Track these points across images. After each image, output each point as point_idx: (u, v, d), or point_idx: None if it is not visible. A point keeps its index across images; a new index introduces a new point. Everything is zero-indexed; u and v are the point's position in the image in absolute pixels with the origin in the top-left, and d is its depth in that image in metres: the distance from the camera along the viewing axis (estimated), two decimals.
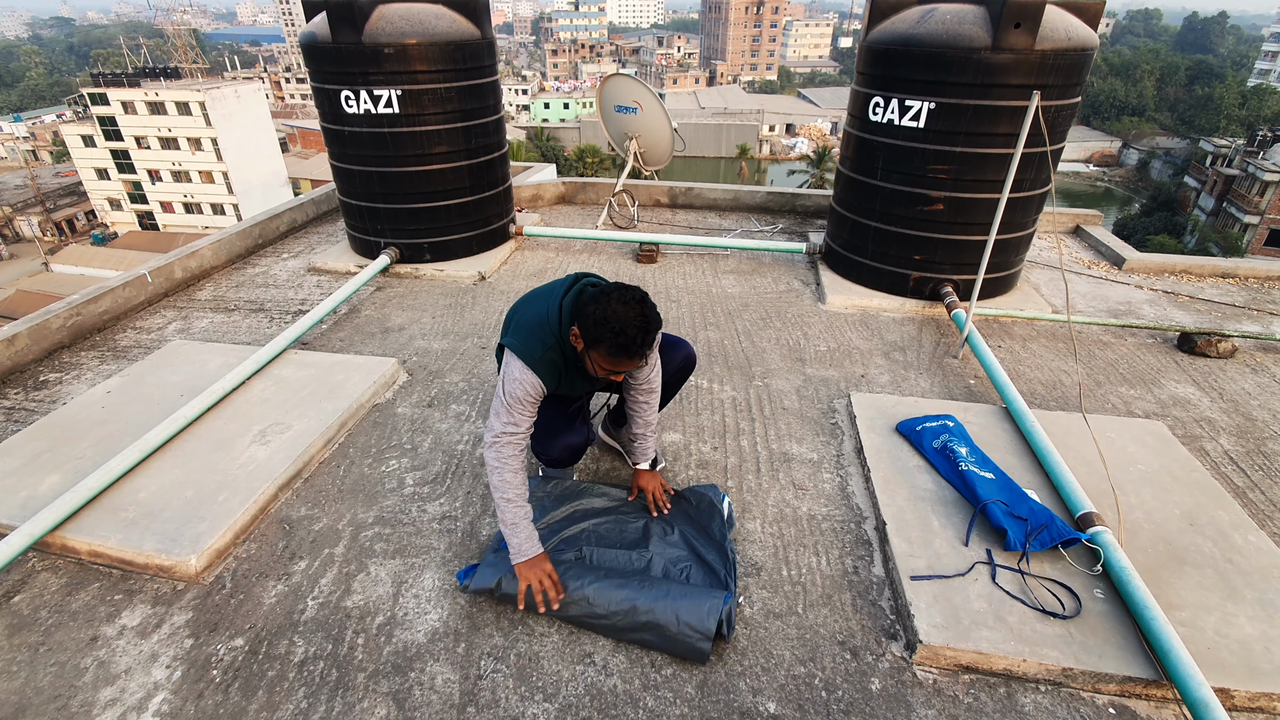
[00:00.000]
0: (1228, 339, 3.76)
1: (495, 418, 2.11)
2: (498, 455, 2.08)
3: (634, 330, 1.89)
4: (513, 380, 2.08)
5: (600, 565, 2.20)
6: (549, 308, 2.13)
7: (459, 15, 4.43)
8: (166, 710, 1.84)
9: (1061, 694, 1.88)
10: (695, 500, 2.49)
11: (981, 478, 2.48)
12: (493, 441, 2.09)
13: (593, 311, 1.92)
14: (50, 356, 3.77)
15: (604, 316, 1.90)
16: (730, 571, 2.20)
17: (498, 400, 2.12)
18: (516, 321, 2.19)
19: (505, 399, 2.09)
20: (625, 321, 1.89)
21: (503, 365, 2.17)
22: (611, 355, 1.94)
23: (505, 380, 2.11)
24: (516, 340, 2.12)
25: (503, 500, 2.07)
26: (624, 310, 1.90)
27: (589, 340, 1.96)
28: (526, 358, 2.08)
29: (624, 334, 1.89)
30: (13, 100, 64.44)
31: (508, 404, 2.09)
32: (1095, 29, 3.78)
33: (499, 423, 2.10)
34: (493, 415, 2.12)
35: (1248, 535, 2.33)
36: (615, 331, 1.89)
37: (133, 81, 34.66)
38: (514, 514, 2.07)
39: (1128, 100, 53.70)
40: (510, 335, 2.16)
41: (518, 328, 2.16)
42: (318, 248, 5.44)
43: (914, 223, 4.11)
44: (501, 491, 2.07)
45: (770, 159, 51.79)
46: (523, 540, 2.06)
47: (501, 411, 2.10)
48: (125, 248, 29.44)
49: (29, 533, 2.24)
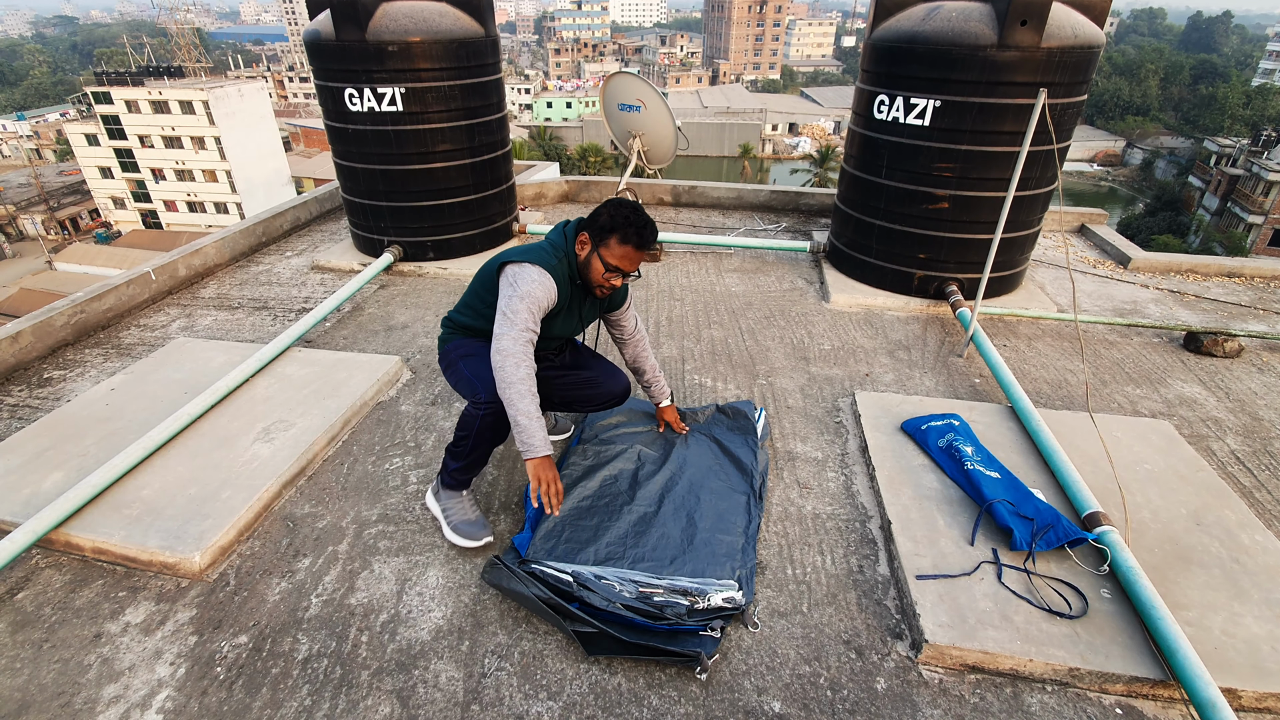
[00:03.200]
0: (1234, 338, 3.74)
1: (514, 315, 2.05)
2: (524, 349, 2.04)
3: (643, 219, 2.17)
4: (530, 280, 2.09)
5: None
6: (548, 239, 2.26)
7: (462, 13, 4.42)
8: (170, 707, 1.84)
9: (1068, 694, 1.88)
10: (732, 413, 2.98)
11: (987, 477, 2.47)
12: (516, 336, 2.04)
13: (602, 213, 2.18)
14: (54, 354, 3.78)
15: (616, 212, 2.16)
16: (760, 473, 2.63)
17: (511, 302, 2.07)
18: (515, 252, 2.22)
19: (522, 297, 2.07)
20: (636, 214, 2.17)
21: (508, 276, 2.14)
22: (624, 243, 2.14)
23: (519, 281, 2.09)
24: (527, 257, 2.16)
25: (526, 391, 2.02)
26: (630, 210, 2.18)
27: (602, 233, 2.16)
28: (543, 264, 2.14)
29: (634, 222, 2.15)
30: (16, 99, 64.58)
31: (526, 303, 2.07)
32: (1101, 26, 3.76)
33: (519, 318, 2.05)
34: (508, 313, 2.06)
35: (1254, 535, 2.32)
36: (627, 220, 2.14)
37: (136, 80, 34.70)
38: (532, 407, 2.04)
39: (1132, 100, 53.57)
40: (513, 258, 2.17)
41: (520, 253, 2.19)
42: (321, 246, 5.44)
43: (919, 221, 4.09)
44: (525, 383, 2.03)
45: (773, 158, 51.73)
46: (541, 440, 2.05)
47: (520, 309, 2.06)
48: (129, 246, 29.50)
49: (32, 530, 2.23)
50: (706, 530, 2.33)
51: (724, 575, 2.15)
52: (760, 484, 2.60)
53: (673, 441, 2.79)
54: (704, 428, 2.90)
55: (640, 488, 2.52)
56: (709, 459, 2.69)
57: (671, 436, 2.82)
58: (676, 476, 2.58)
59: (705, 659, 1.89)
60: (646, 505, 2.44)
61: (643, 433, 2.85)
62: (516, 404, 2.02)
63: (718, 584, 2.11)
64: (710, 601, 2.04)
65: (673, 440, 2.79)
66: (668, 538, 2.29)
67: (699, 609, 2.02)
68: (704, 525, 2.35)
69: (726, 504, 2.45)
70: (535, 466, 2.05)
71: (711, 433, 2.86)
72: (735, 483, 2.57)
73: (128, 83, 34.54)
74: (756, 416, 2.97)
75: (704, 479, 2.57)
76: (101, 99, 34.64)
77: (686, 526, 2.34)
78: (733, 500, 2.47)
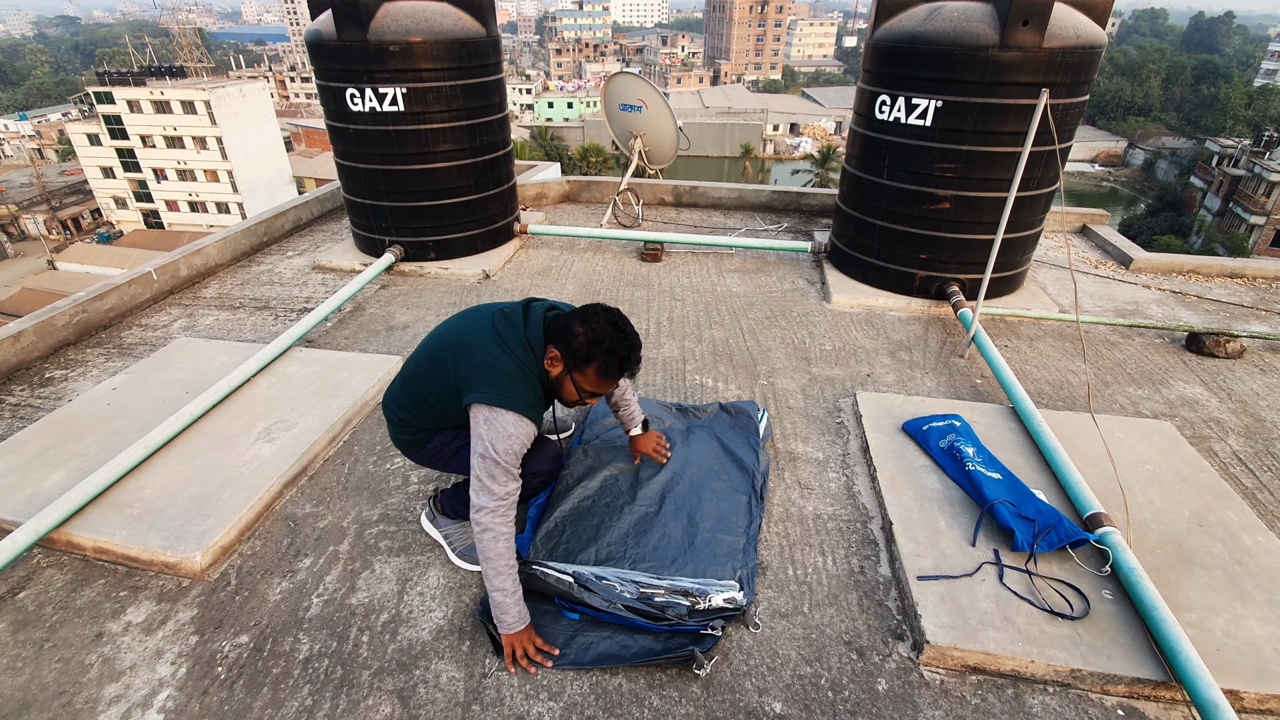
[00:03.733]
0: (1236, 339, 3.74)
1: (493, 482, 1.85)
2: (504, 521, 1.87)
3: (626, 343, 1.90)
4: (508, 436, 1.84)
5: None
6: (510, 347, 1.92)
7: (464, 13, 4.42)
8: (171, 707, 1.84)
9: (1070, 695, 1.87)
10: (735, 413, 2.97)
11: (988, 478, 2.47)
12: (496, 506, 1.85)
13: (580, 332, 1.87)
14: (56, 353, 3.78)
15: (596, 337, 1.86)
16: (761, 474, 2.63)
17: (488, 464, 1.84)
18: (476, 372, 1.90)
19: (501, 459, 1.83)
20: (617, 340, 1.88)
21: (480, 423, 1.86)
22: (603, 375, 1.90)
23: (495, 439, 1.83)
24: (495, 390, 1.86)
25: (504, 566, 1.88)
26: (610, 330, 1.88)
27: (577, 362, 1.88)
28: (519, 407, 1.86)
29: (616, 352, 1.88)
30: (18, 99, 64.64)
31: (505, 464, 1.84)
32: (1103, 26, 3.75)
33: (500, 487, 1.86)
34: (486, 480, 1.85)
35: (1256, 536, 2.32)
36: (608, 350, 1.87)
37: (138, 80, 34.73)
38: (515, 580, 1.91)
39: (1133, 100, 53.49)
40: (479, 391, 1.87)
41: (484, 380, 1.88)
42: (322, 246, 5.45)
43: (920, 221, 4.09)
44: (504, 559, 1.88)
45: (774, 158, 51.69)
46: (520, 614, 1.92)
47: (499, 474, 1.85)
48: (130, 246, 29.51)
49: (34, 529, 2.24)
50: (708, 530, 2.33)
51: (725, 576, 2.15)
52: (761, 484, 2.60)
53: (674, 440, 2.78)
54: (706, 426, 2.90)
55: (641, 488, 2.52)
56: (710, 459, 2.69)
57: (673, 436, 2.81)
58: (678, 476, 2.58)
59: (701, 655, 1.90)
60: (647, 505, 2.43)
61: None
62: (494, 581, 1.89)
63: (719, 584, 2.11)
64: (711, 602, 2.04)
65: (674, 440, 2.79)
66: (669, 538, 2.29)
67: (700, 609, 2.02)
68: (705, 525, 2.35)
69: (728, 504, 2.45)
70: (511, 638, 1.92)
71: (713, 431, 2.86)
72: (737, 483, 2.56)
73: (130, 83, 34.57)
74: (759, 417, 2.97)
75: (705, 479, 2.57)
76: (103, 99, 34.68)
77: (688, 527, 2.34)
78: (734, 500, 2.47)
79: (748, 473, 2.62)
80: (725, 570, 2.17)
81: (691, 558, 2.22)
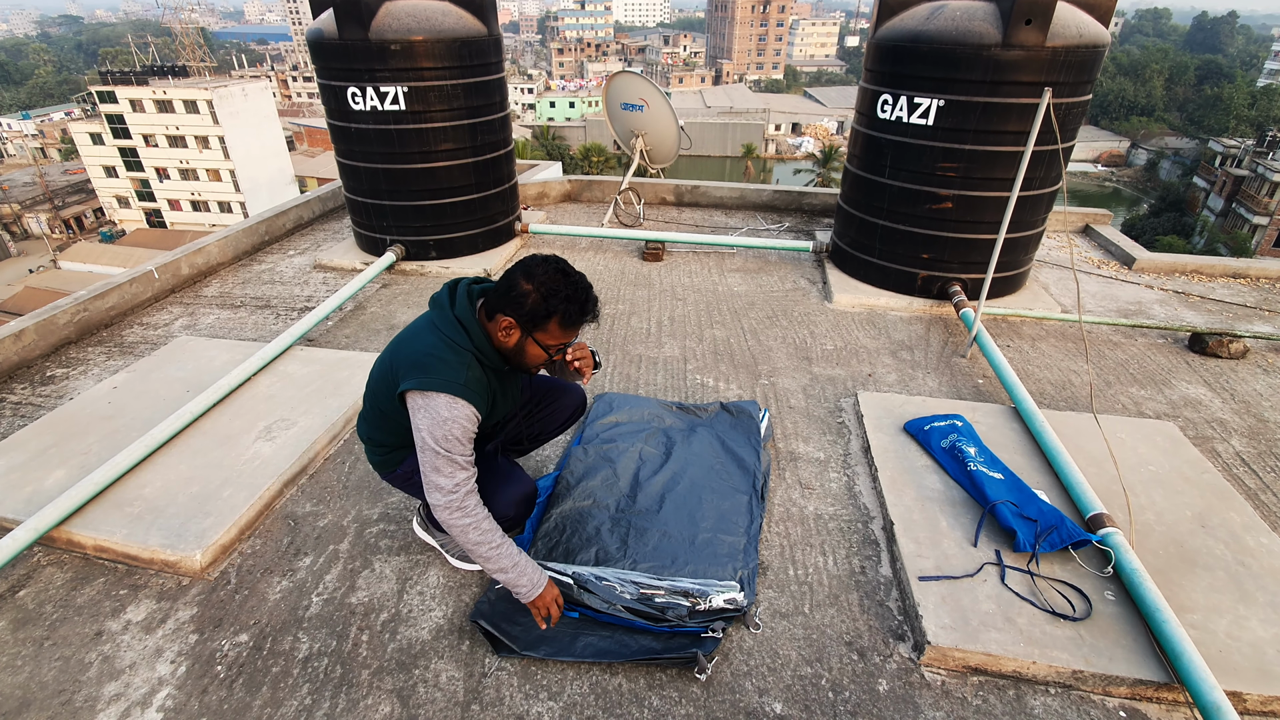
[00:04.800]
0: (1239, 339, 3.72)
1: (438, 475, 1.76)
2: (464, 511, 1.79)
3: (582, 290, 1.80)
4: (443, 422, 1.73)
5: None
6: (440, 328, 1.82)
7: (465, 12, 4.42)
8: (171, 706, 1.83)
9: (1071, 697, 1.86)
10: (736, 412, 2.97)
11: (990, 478, 2.46)
12: (448, 502, 1.77)
13: (529, 290, 1.75)
14: (57, 352, 3.78)
15: (549, 289, 1.75)
16: (762, 472, 2.63)
17: (427, 456, 1.75)
18: (406, 361, 1.81)
19: (440, 448, 1.74)
20: (567, 283, 1.77)
21: (415, 413, 1.78)
22: (566, 323, 1.79)
23: (431, 426, 1.74)
24: (425, 377, 1.75)
25: (491, 550, 1.82)
26: (560, 278, 1.77)
27: (535, 319, 1.76)
28: (450, 387, 1.75)
29: (574, 297, 1.77)
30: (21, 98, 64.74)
31: (446, 452, 1.75)
32: (1107, 25, 3.74)
33: (446, 479, 1.76)
34: (431, 475, 1.77)
35: (1260, 537, 2.31)
36: (566, 297, 1.76)
37: (141, 80, 34.76)
38: (510, 553, 1.85)
39: (1136, 100, 53.36)
40: (408, 378, 1.77)
41: (412, 366, 1.78)
42: (324, 245, 5.45)
43: (922, 221, 4.08)
44: (488, 542, 1.81)
45: (776, 158, 51.65)
46: (532, 577, 1.88)
47: (442, 465, 1.75)
48: (133, 245, 29.55)
49: (34, 527, 2.24)
50: (708, 531, 2.32)
51: (726, 576, 2.14)
52: (762, 484, 2.59)
53: (675, 440, 2.78)
54: (707, 425, 2.90)
55: (642, 488, 2.51)
56: (711, 458, 2.68)
57: (674, 435, 2.81)
58: (678, 476, 2.57)
59: (703, 659, 1.89)
60: (648, 505, 2.43)
61: (643, 432, 2.84)
62: (490, 566, 1.84)
63: (719, 585, 2.10)
64: (712, 603, 2.03)
65: (674, 439, 2.78)
66: (669, 537, 2.29)
67: (700, 610, 2.02)
68: (706, 525, 2.34)
69: (728, 504, 2.45)
70: (534, 604, 1.90)
71: (715, 431, 2.85)
72: (737, 483, 2.56)
73: (132, 82, 34.60)
74: (761, 417, 2.97)
75: (706, 479, 2.56)
76: (106, 98, 34.72)
77: (688, 526, 2.34)
78: (735, 500, 2.47)
79: (748, 473, 2.61)
80: (726, 570, 2.17)
81: (692, 558, 2.21)
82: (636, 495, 2.48)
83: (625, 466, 2.62)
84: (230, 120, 34.07)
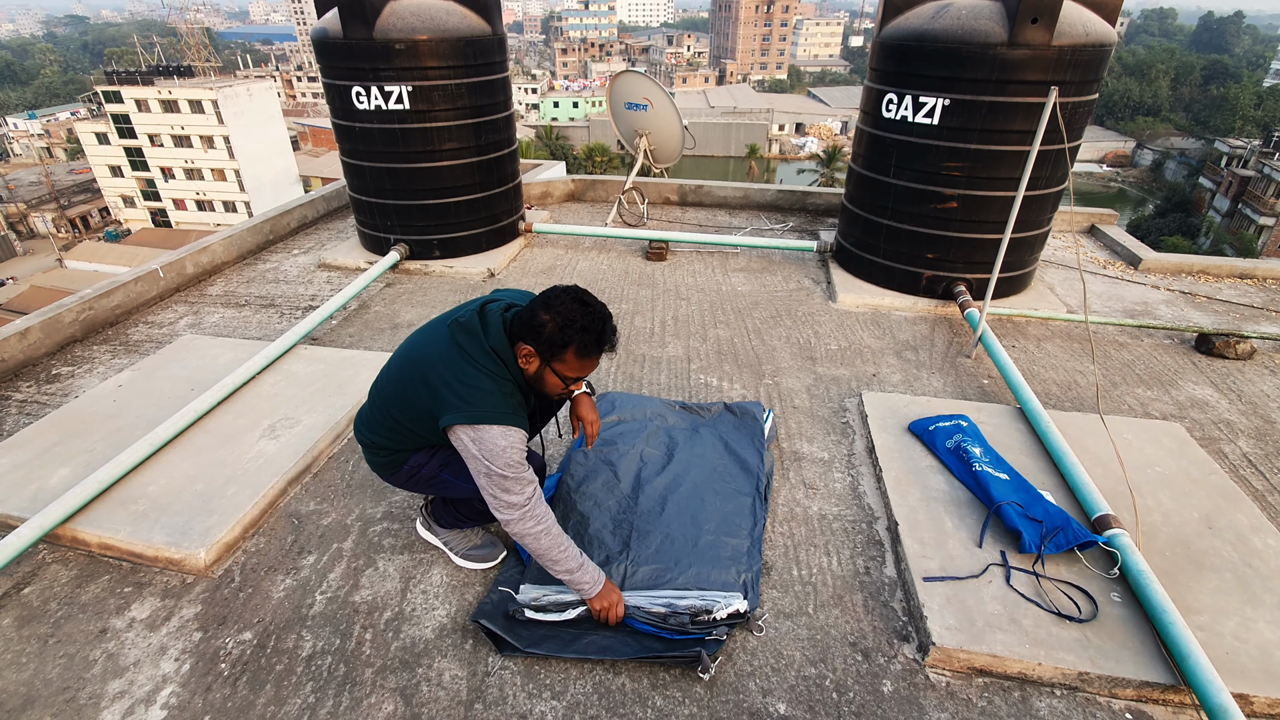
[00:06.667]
0: (1246, 340, 3.70)
1: (508, 495, 1.83)
2: (536, 519, 1.87)
3: (597, 317, 1.82)
4: (501, 450, 1.79)
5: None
6: (475, 358, 1.83)
7: (470, 11, 4.42)
8: (174, 703, 1.84)
9: (1077, 698, 1.85)
10: (739, 413, 2.94)
11: (996, 479, 2.45)
12: (522, 515, 1.85)
13: (547, 320, 1.79)
14: (62, 350, 3.79)
15: (566, 320, 1.78)
16: (765, 474, 2.61)
17: (494, 481, 1.81)
18: (446, 391, 1.83)
19: (506, 473, 1.80)
20: (587, 316, 1.80)
21: (468, 445, 1.81)
22: (583, 355, 1.82)
23: (490, 457, 1.79)
24: (474, 409, 1.79)
25: (561, 552, 1.91)
26: (578, 308, 1.80)
27: (552, 348, 1.80)
28: (500, 418, 1.80)
29: (590, 327, 1.80)
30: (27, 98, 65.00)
31: (514, 475, 1.81)
32: (1113, 24, 3.72)
33: (518, 495, 1.83)
34: (501, 495, 1.83)
35: (1267, 539, 2.29)
36: (583, 327, 1.79)
37: (146, 80, 34.89)
38: (576, 553, 1.95)
39: (1142, 100, 53.15)
40: (454, 412, 1.81)
41: (459, 397, 1.81)
42: (328, 244, 5.46)
43: (927, 221, 4.07)
44: (558, 545, 1.90)
45: (779, 158, 51.60)
46: (594, 576, 1.97)
47: (511, 485, 1.82)
48: (138, 244, 29.66)
49: (39, 525, 2.24)
50: (711, 533, 2.30)
51: (729, 579, 2.11)
52: (766, 486, 2.58)
53: (677, 441, 2.77)
54: (710, 426, 2.89)
55: (643, 490, 2.50)
56: (713, 460, 2.67)
57: (676, 435, 2.80)
58: (680, 478, 2.56)
59: (707, 659, 1.88)
60: (650, 507, 2.42)
61: (645, 432, 2.83)
62: (557, 568, 1.93)
63: (723, 598, 2.04)
64: (715, 617, 2.00)
65: (677, 440, 2.77)
66: (672, 540, 2.27)
67: (703, 621, 2.00)
68: (708, 528, 2.32)
69: (731, 506, 2.43)
70: (594, 601, 1.98)
71: (718, 431, 2.84)
72: (740, 484, 2.54)
73: (138, 82, 34.73)
74: (764, 417, 2.95)
75: (708, 481, 2.55)
76: (112, 98, 34.86)
77: (691, 529, 2.32)
78: (737, 502, 2.45)
79: (751, 474, 2.59)
80: (729, 574, 2.14)
81: (695, 560, 2.19)
82: (638, 497, 2.47)
83: (627, 468, 2.61)
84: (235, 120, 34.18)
